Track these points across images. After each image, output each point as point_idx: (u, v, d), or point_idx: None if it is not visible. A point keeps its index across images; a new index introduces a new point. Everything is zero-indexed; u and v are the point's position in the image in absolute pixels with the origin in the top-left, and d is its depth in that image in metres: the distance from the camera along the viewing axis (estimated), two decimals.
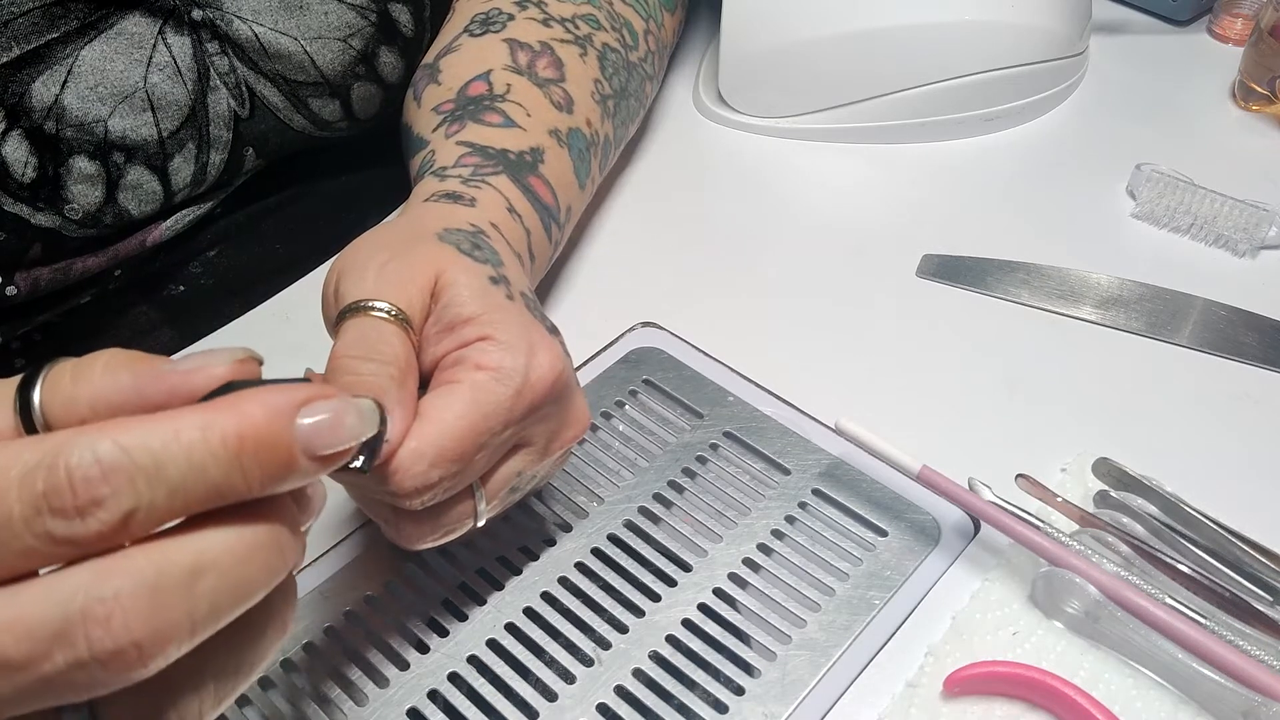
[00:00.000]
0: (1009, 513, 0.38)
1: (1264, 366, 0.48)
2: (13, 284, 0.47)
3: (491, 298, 0.35)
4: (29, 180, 0.45)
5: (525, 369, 0.33)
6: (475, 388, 0.33)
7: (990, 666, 0.36)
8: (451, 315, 0.34)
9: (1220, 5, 0.69)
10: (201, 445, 0.22)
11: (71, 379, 0.24)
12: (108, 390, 0.24)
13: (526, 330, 0.35)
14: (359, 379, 0.32)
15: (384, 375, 0.32)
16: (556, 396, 0.35)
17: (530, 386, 0.33)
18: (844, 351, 0.49)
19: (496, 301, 0.35)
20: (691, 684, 0.37)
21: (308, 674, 0.38)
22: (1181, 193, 0.55)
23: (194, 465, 0.22)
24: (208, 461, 0.22)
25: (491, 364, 0.33)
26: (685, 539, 0.41)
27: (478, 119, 0.47)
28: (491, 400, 0.33)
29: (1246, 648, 0.34)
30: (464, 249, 0.37)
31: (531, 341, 0.34)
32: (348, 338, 0.33)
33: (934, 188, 0.59)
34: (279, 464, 0.23)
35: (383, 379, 0.32)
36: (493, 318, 0.34)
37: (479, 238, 0.39)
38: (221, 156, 0.50)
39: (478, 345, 0.34)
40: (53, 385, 0.24)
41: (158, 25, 0.47)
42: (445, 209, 0.41)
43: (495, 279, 0.36)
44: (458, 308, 0.34)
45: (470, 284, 0.35)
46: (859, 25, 0.58)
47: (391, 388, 0.31)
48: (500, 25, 0.51)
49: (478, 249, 0.38)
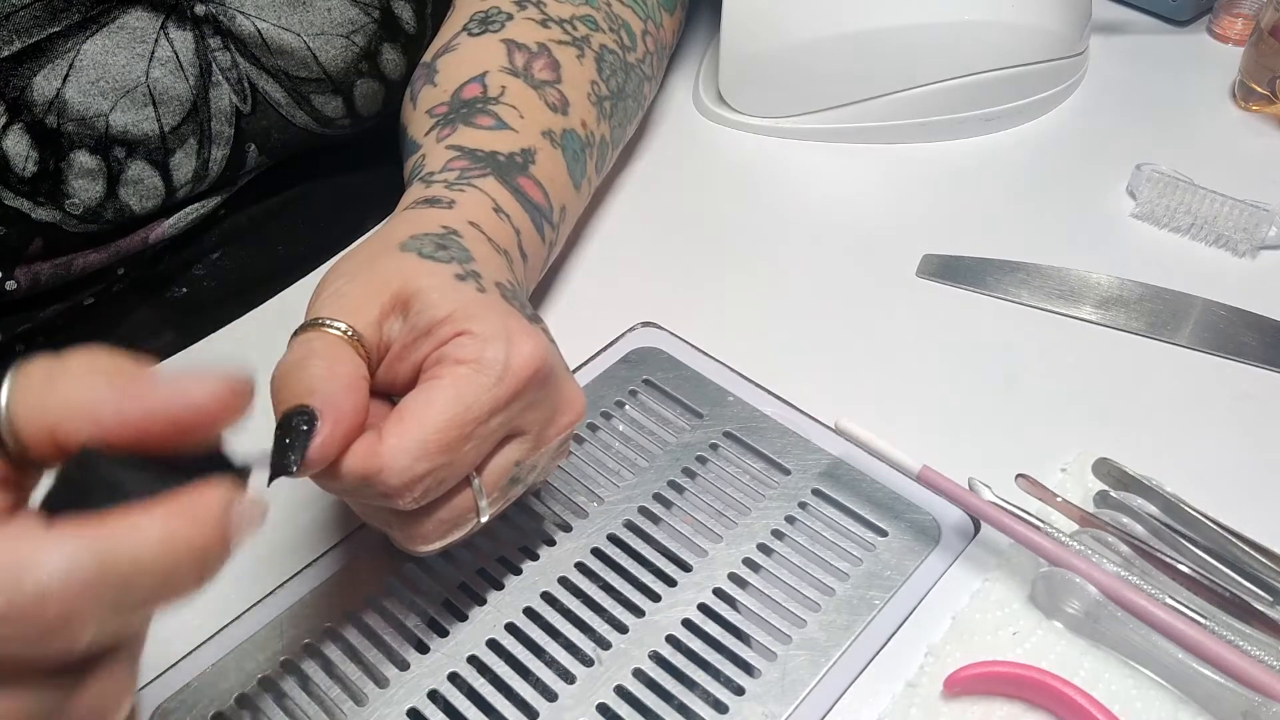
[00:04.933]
0: (1009, 513, 0.38)
1: (1264, 366, 0.48)
2: (13, 279, 0.47)
3: (462, 294, 0.35)
4: (30, 174, 0.45)
5: (505, 358, 0.33)
6: (456, 380, 0.33)
7: (990, 666, 0.36)
8: (426, 319, 0.34)
9: (1220, 5, 0.69)
10: (177, 554, 0.22)
11: (45, 382, 0.23)
12: (82, 400, 0.23)
13: (503, 320, 0.34)
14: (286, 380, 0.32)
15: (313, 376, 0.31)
16: (542, 382, 0.35)
17: (512, 374, 0.33)
18: (844, 351, 0.49)
19: (468, 296, 0.35)
20: (691, 684, 0.37)
21: (308, 674, 0.38)
22: (1181, 193, 0.55)
23: (166, 575, 0.22)
24: (181, 570, 0.22)
25: (470, 356, 0.33)
26: (685, 539, 0.41)
27: (469, 122, 0.47)
28: (473, 391, 0.33)
29: (1246, 648, 0.34)
30: (425, 252, 0.37)
31: (509, 330, 0.34)
32: (288, 353, 0.33)
33: (934, 188, 0.59)
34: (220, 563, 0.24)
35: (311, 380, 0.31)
36: (468, 312, 0.34)
37: (447, 238, 0.39)
38: (223, 152, 0.50)
39: (455, 341, 0.34)
40: (22, 389, 0.23)
41: (160, 20, 0.47)
42: (418, 215, 0.41)
43: (462, 275, 0.36)
44: (431, 310, 0.34)
45: (437, 285, 0.35)
46: (859, 25, 0.58)
47: (319, 386, 0.31)
48: (499, 25, 0.51)
49: (442, 249, 0.38)
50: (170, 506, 0.23)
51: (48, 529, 0.22)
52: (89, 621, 0.21)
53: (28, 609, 0.20)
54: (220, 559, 0.23)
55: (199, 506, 0.23)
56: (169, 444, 0.24)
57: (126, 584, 0.21)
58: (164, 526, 0.22)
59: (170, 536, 0.22)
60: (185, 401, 0.24)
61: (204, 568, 0.23)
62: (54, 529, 0.22)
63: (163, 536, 0.22)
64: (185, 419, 0.24)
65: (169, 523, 0.22)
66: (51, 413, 0.23)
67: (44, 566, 0.21)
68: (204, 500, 0.23)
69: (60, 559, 0.21)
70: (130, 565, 0.22)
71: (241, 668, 0.38)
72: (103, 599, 0.21)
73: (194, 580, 0.23)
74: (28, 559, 0.21)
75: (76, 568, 0.21)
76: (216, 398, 0.24)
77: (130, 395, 0.23)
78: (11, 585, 0.20)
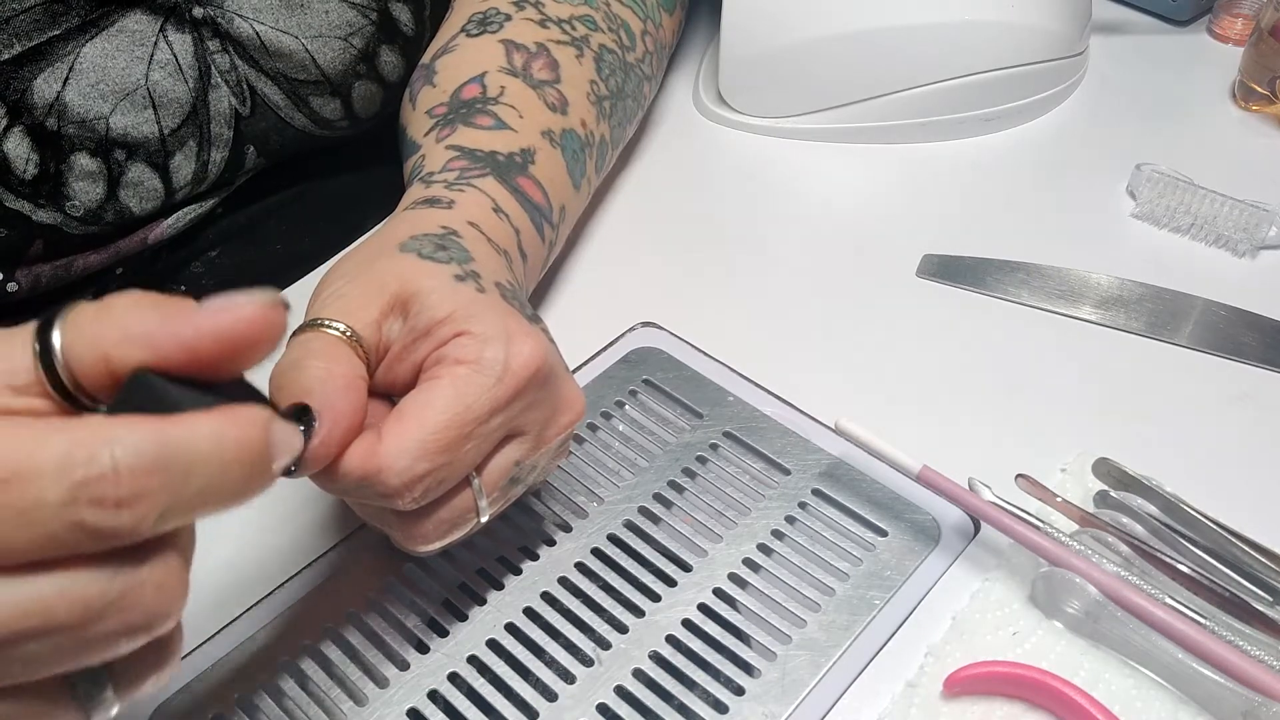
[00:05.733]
0: (1009, 513, 0.38)
1: (1264, 366, 0.48)
2: (14, 280, 0.47)
3: (461, 294, 0.35)
4: (30, 177, 0.45)
5: (505, 358, 0.33)
6: (455, 380, 0.33)
7: (990, 666, 0.36)
8: (425, 320, 0.34)
9: (1220, 5, 0.69)
10: (227, 453, 0.24)
11: (94, 318, 0.24)
12: (134, 327, 0.24)
13: (503, 320, 0.34)
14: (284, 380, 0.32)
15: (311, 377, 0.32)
16: (542, 382, 0.35)
17: (512, 374, 0.33)
18: (844, 351, 0.49)
19: (468, 296, 0.35)
20: (691, 684, 0.37)
21: (308, 675, 0.38)
22: (1181, 193, 0.55)
23: (220, 471, 0.23)
24: (231, 470, 0.24)
25: (470, 357, 0.33)
26: (685, 539, 0.41)
27: (469, 122, 0.47)
28: (473, 391, 0.33)
29: (1246, 648, 0.34)
30: (425, 253, 0.37)
31: (509, 330, 0.34)
32: (286, 353, 0.33)
33: (934, 188, 0.59)
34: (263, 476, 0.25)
35: (308, 380, 0.32)
36: (467, 312, 0.34)
37: (447, 239, 0.39)
38: (223, 154, 0.50)
39: (455, 341, 0.34)
40: (74, 325, 0.24)
41: (159, 23, 0.47)
42: (418, 215, 0.41)
43: (461, 276, 0.36)
44: (430, 311, 0.34)
45: (437, 286, 0.35)
46: (859, 25, 0.58)
47: (317, 386, 0.31)
48: (497, 26, 0.51)
49: (442, 249, 0.38)
50: (221, 412, 0.24)
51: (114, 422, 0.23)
52: (156, 502, 0.22)
53: (104, 480, 0.22)
54: (263, 470, 0.25)
55: (247, 415, 0.24)
56: (221, 362, 0.25)
57: (188, 471, 0.23)
58: (217, 426, 0.24)
59: (223, 435, 0.24)
60: (233, 318, 0.25)
61: (251, 473, 0.24)
62: (121, 420, 0.23)
63: (216, 434, 0.23)
64: (235, 335, 0.25)
65: (221, 424, 0.24)
66: (105, 340, 0.24)
67: (118, 442, 0.22)
68: (250, 411, 0.24)
69: (132, 438, 0.22)
70: (191, 454, 0.23)
71: (241, 668, 0.38)
72: (168, 483, 0.22)
73: (242, 483, 0.24)
74: (102, 435, 0.22)
75: (145, 448, 0.22)
76: (261, 314, 0.25)
77: (180, 319, 0.24)
78: (88, 458, 0.22)
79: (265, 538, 0.42)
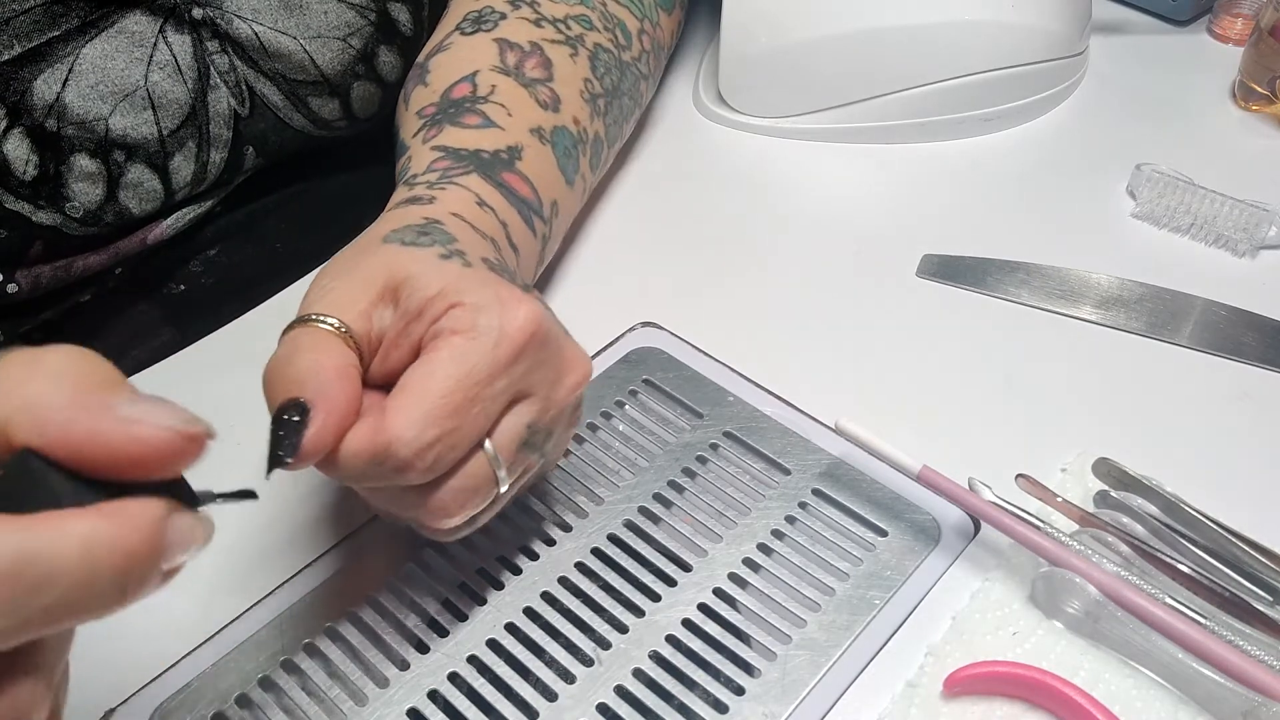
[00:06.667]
0: (1009, 513, 0.38)
1: (1264, 366, 0.48)
2: (14, 281, 0.47)
3: (449, 270, 0.35)
4: (30, 178, 0.45)
5: (500, 323, 0.33)
6: (454, 349, 0.33)
7: (990, 666, 0.36)
8: (417, 301, 0.34)
9: (1220, 5, 0.69)
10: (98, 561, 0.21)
11: (10, 376, 0.22)
12: (38, 399, 0.22)
13: (494, 288, 0.34)
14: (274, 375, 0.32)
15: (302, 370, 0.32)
16: (541, 343, 0.34)
17: (509, 337, 0.33)
18: (844, 351, 0.49)
19: (455, 271, 0.35)
20: (691, 684, 0.37)
21: (308, 674, 0.38)
22: (1181, 193, 0.55)
23: (85, 580, 0.21)
24: (100, 579, 0.21)
25: (465, 326, 0.33)
26: (685, 539, 0.41)
27: (456, 122, 0.47)
28: (472, 355, 0.33)
29: (1246, 648, 0.34)
30: (408, 241, 0.37)
31: (501, 297, 0.34)
32: (277, 350, 0.33)
33: (934, 188, 0.59)
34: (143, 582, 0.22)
35: (299, 373, 0.31)
36: (457, 286, 0.34)
37: (429, 226, 0.39)
38: (222, 155, 0.50)
39: (449, 314, 0.34)
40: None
41: (158, 24, 0.47)
42: (400, 212, 0.41)
43: (446, 255, 0.37)
44: (420, 291, 0.34)
45: (424, 269, 0.35)
46: (859, 25, 0.58)
47: (308, 378, 0.31)
48: (492, 24, 0.51)
49: (424, 235, 0.38)
50: (99, 512, 0.21)
51: None
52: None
53: None
54: (146, 574, 0.22)
55: (132, 513, 0.22)
56: (107, 471, 0.22)
57: (41, 582, 0.20)
58: (89, 529, 0.21)
59: (93, 540, 0.21)
60: (130, 436, 0.22)
61: (126, 579, 0.22)
62: None
63: (87, 538, 0.21)
64: (130, 453, 0.22)
65: (95, 527, 0.21)
66: (6, 405, 0.22)
67: None
68: (137, 508, 0.22)
69: None
70: (48, 561, 0.20)
71: (241, 668, 0.38)
72: (13, 595, 0.20)
73: (114, 592, 0.21)
74: None
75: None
76: (170, 441, 0.22)
77: (84, 410, 0.22)
78: None
79: (265, 537, 0.42)
